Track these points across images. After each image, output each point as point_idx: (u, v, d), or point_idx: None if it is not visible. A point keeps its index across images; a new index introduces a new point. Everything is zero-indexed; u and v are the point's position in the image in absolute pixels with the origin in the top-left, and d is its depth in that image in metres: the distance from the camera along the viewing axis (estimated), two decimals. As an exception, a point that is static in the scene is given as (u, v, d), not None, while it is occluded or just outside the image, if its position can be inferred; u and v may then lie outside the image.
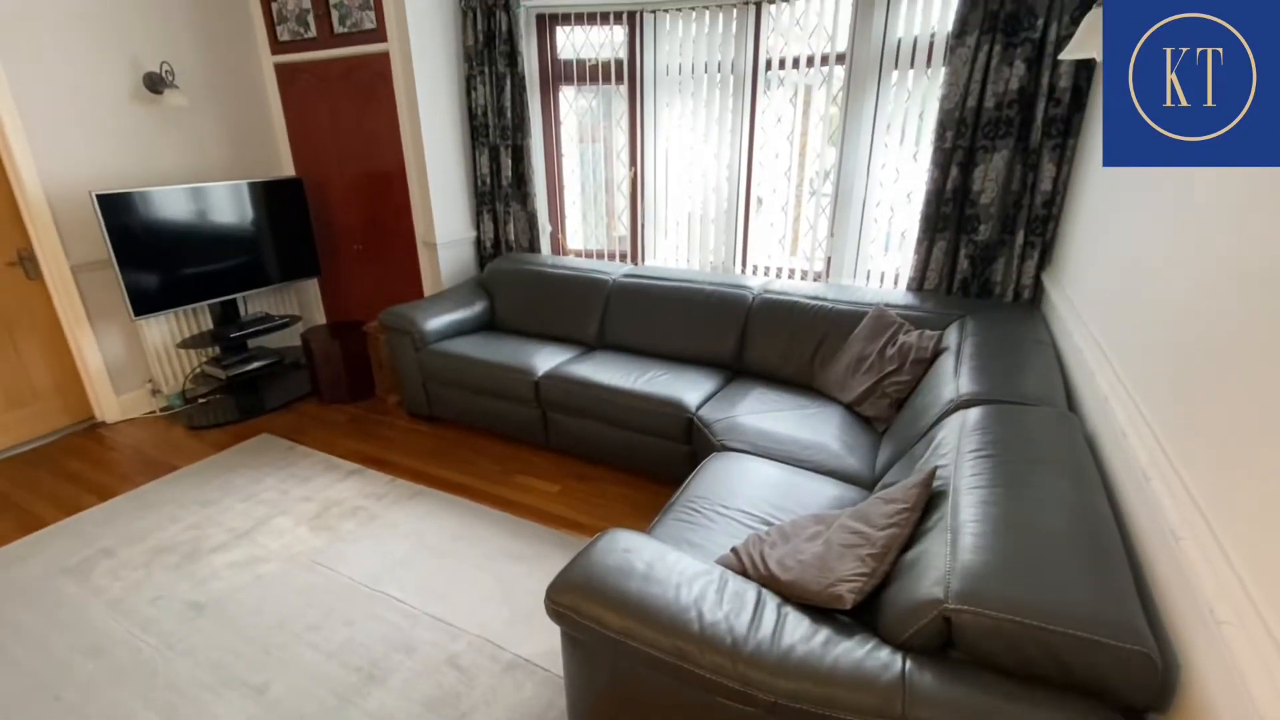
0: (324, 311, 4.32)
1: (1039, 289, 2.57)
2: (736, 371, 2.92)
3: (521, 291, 3.46)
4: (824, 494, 1.92)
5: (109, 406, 3.37)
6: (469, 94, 3.52)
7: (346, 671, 1.80)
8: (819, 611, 1.21)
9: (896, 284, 3.05)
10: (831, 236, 3.13)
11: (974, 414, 1.62)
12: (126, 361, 3.41)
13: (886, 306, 2.61)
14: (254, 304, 3.84)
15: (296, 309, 4.17)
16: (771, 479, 1.98)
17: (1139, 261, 1.51)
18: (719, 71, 3.17)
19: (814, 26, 2.96)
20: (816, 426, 2.33)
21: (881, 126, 2.86)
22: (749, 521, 1.76)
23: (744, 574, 1.38)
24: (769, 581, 1.32)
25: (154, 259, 3.13)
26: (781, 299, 2.87)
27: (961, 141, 2.50)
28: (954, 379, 1.93)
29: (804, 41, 3.00)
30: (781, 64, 3.06)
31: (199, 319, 3.65)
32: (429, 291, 3.74)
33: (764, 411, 2.46)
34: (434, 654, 1.85)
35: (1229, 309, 1.03)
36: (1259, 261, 0.95)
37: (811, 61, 2.99)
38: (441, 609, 2.03)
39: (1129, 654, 0.92)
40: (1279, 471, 0.82)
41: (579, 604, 1.25)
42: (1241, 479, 0.91)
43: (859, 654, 1.08)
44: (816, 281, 3.22)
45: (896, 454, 1.96)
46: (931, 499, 1.37)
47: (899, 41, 2.71)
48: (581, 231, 3.96)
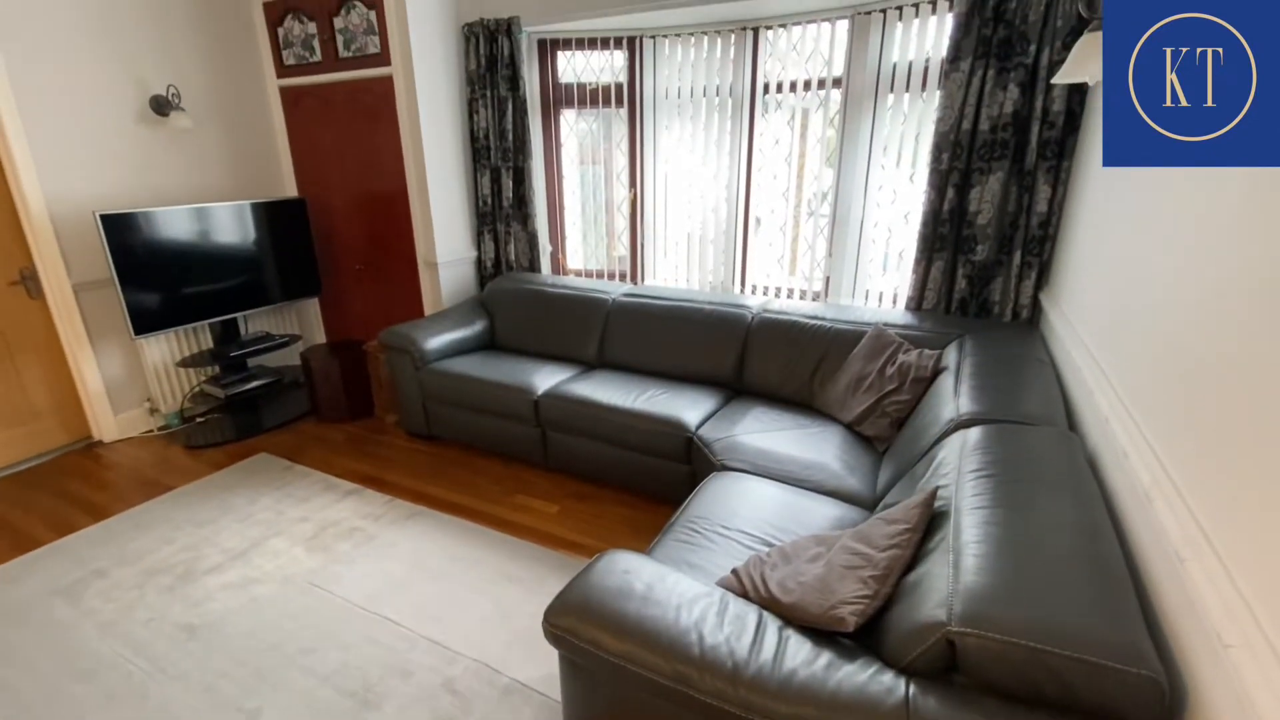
0: (324, 330, 4.33)
1: (1037, 308, 2.58)
2: (736, 391, 2.92)
3: (521, 311, 3.47)
4: (825, 514, 1.90)
5: (107, 425, 3.36)
6: (471, 117, 3.57)
7: (340, 696, 1.77)
8: (821, 634, 1.20)
9: (895, 303, 3.07)
10: (830, 256, 3.15)
11: (974, 434, 1.61)
12: (125, 380, 3.40)
13: (885, 326, 2.61)
14: (254, 323, 3.85)
15: (297, 328, 4.19)
16: (772, 499, 1.97)
17: (1135, 281, 1.52)
18: (717, 95, 3.22)
19: (811, 51, 3.01)
20: (817, 446, 2.32)
21: (878, 148, 2.90)
22: (750, 542, 1.75)
23: (745, 596, 1.36)
24: (770, 604, 1.30)
25: (156, 278, 3.15)
26: (781, 318, 2.88)
27: (957, 163, 2.53)
28: (954, 398, 1.92)
29: (801, 66, 3.05)
30: (779, 88, 3.11)
31: (199, 338, 3.66)
32: (429, 311, 3.75)
33: (764, 431, 2.45)
34: (430, 678, 1.82)
35: (1228, 328, 1.03)
36: (1258, 279, 0.95)
37: (808, 85, 3.04)
38: (438, 632, 2.00)
39: (1136, 678, 0.91)
40: (1282, 492, 0.82)
41: (577, 627, 1.23)
42: (1245, 500, 0.91)
43: (862, 678, 1.06)
44: (815, 301, 3.23)
45: (897, 474, 1.95)
46: (933, 519, 1.36)
47: (894, 66, 2.76)
48: (581, 251, 3.99)
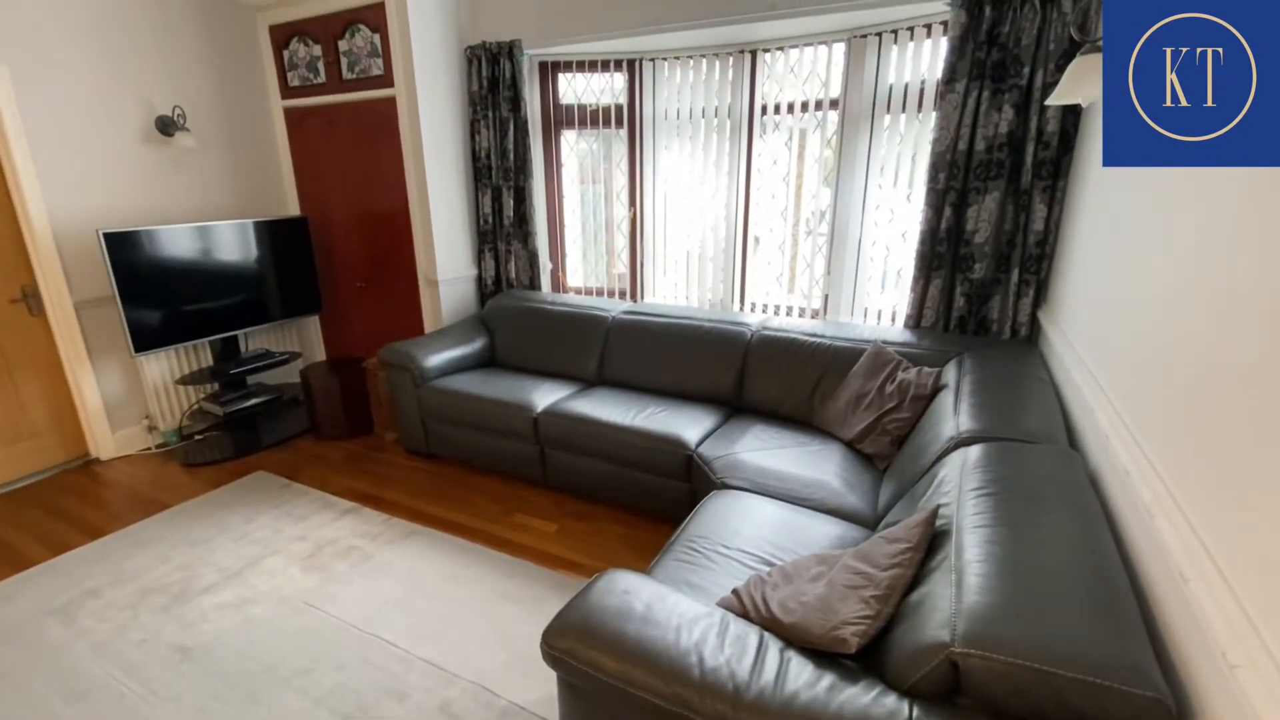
0: (324, 348, 4.33)
1: (1035, 326, 2.59)
2: (736, 408, 2.92)
3: (522, 328, 3.48)
4: (826, 533, 1.89)
5: (104, 443, 3.35)
6: (473, 137, 3.62)
7: (335, 719, 1.75)
8: (823, 656, 1.18)
9: (894, 321, 3.07)
10: (828, 274, 3.17)
11: (975, 451, 1.61)
12: (125, 398, 3.40)
13: (884, 343, 2.62)
14: (254, 340, 3.86)
15: (297, 345, 4.19)
16: (773, 518, 1.96)
17: (1132, 298, 1.53)
18: (716, 116, 3.27)
19: (808, 73, 3.06)
20: (817, 464, 2.31)
21: (875, 168, 2.93)
22: (750, 561, 1.73)
23: (745, 616, 1.35)
24: (771, 624, 1.29)
25: (157, 296, 3.16)
26: (780, 336, 2.89)
27: (954, 183, 2.56)
28: (954, 416, 1.92)
29: (798, 87, 3.09)
30: (777, 109, 3.16)
31: (199, 355, 3.66)
32: (429, 328, 3.76)
33: (764, 449, 2.44)
34: (426, 701, 1.80)
35: (1228, 341, 1.03)
36: (1258, 290, 0.95)
37: (806, 106, 3.08)
38: (435, 653, 1.97)
39: (1142, 700, 0.90)
40: (1284, 510, 0.81)
41: (576, 648, 1.22)
42: (1249, 517, 0.90)
43: (864, 701, 1.05)
44: (814, 319, 3.24)
45: (898, 492, 1.94)
46: (935, 538, 1.35)
47: (890, 87, 2.80)
48: (581, 269, 4.01)
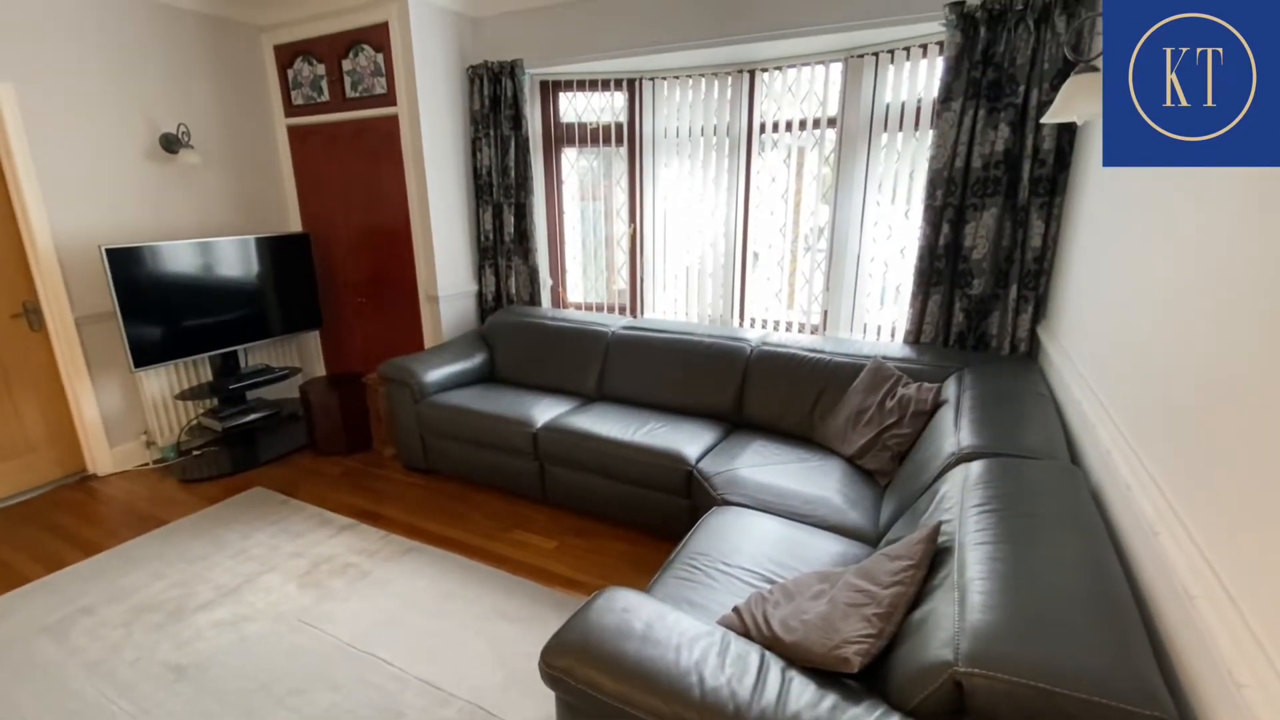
0: (324, 363, 4.33)
1: (1035, 342, 2.60)
2: (736, 424, 2.91)
3: (521, 343, 3.48)
4: (827, 550, 1.87)
5: (102, 459, 3.33)
6: (474, 155, 3.65)
7: (330, 741, 1.72)
8: (825, 675, 1.17)
9: (893, 336, 3.08)
10: (827, 290, 3.18)
11: (976, 467, 1.60)
12: (123, 413, 3.39)
13: (884, 359, 2.62)
14: (255, 355, 3.86)
15: (297, 360, 4.19)
16: (774, 534, 1.94)
17: (1132, 312, 1.53)
18: (715, 134, 3.30)
19: (805, 92, 3.10)
20: (818, 480, 2.30)
21: (873, 185, 2.95)
22: (751, 579, 1.72)
23: (747, 635, 1.33)
24: (772, 643, 1.28)
25: (158, 312, 3.16)
26: (780, 351, 2.89)
27: (951, 200, 2.58)
28: (954, 432, 1.92)
29: (796, 106, 3.13)
30: (775, 127, 3.19)
31: (198, 370, 3.66)
32: (429, 343, 3.76)
33: (764, 464, 2.43)
34: (423, 721, 1.77)
35: (1230, 354, 1.03)
36: (1259, 301, 0.95)
37: (804, 125, 3.12)
38: (432, 672, 1.95)
39: (1149, 720, 0.89)
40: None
41: (574, 667, 1.20)
42: (1253, 534, 0.89)
43: (868, 721, 1.03)
44: (814, 334, 3.25)
45: (900, 509, 1.93)
46: (937, 555, 1.34)
47: (887, 106, 2.84)
48: (582, 285, 4.02)
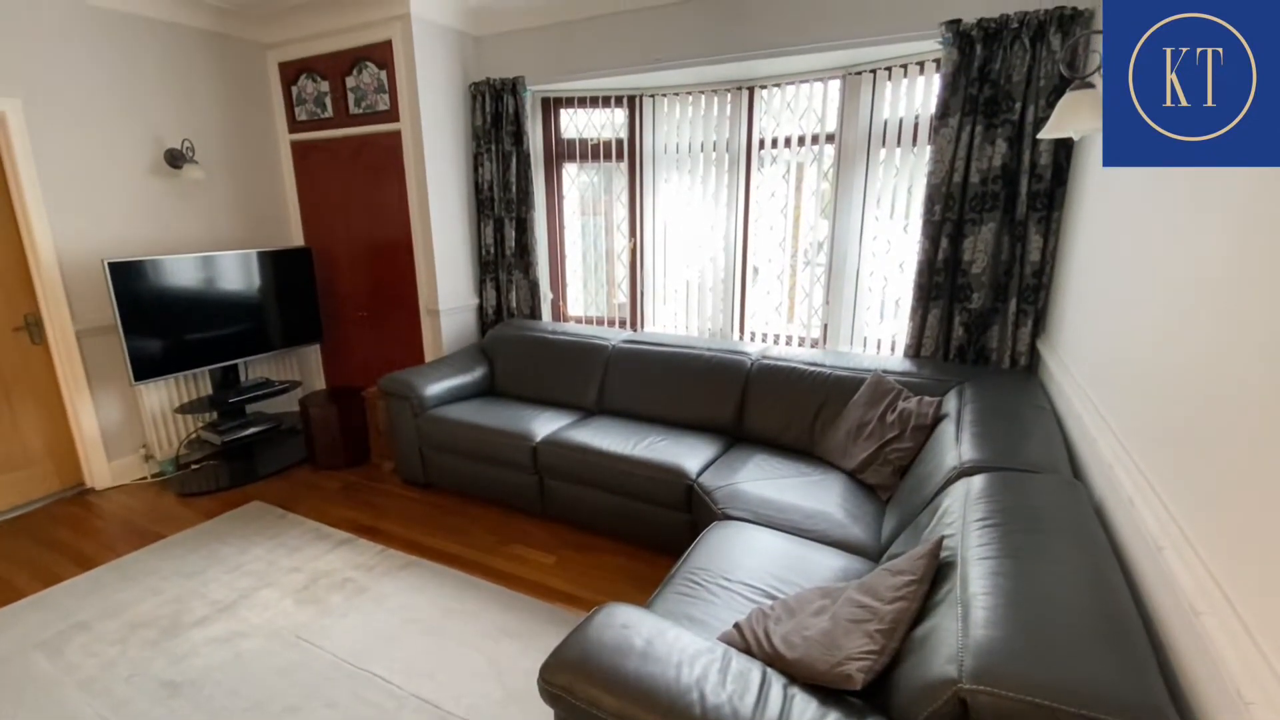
0: (324, 377, 4.33)
1: (1035, 356, 2.60)
2: (736, 438, 2.90)
3: (522, 357, 3.48)
4: (829, 565, 1.86)
5: (100, 472, 3.32)
6: (476, 170, 3.68)
7: (325, 760, 1.69)
8: (827, 692, 1.15)
9: (893, 350, 3.08)
10: (827, 304, 3.19)
11: (978, 482, 1.59)
12: (122, 427, 3.38)
13: (884, 373, 2.62)
14: (255, 369, 3.86)
15: (297, 374, 4.19)
16: (775, 550, 1.93)
17: (1132, 325, 1.53)
18: (714, 150, 3.33)
19: (804, 109, 3.13)
20: (819, 494, 2.29)
21: (872, 200, 2.97)
22: (752, 595, 1.70)
23: (748, 651, 1.32)
24: (774, 660, 1.26)
25: (160, 325, 3.17)
26: (780, 365, 2.89)
27: (950, 214, 2.59)
28: (956, 446, 1.91)
29: (795, 122, 3.16)
30: (774, 143, 3.22)
31: (198, 384, 3.66)
32: (430, 357, 3.76)
33: (765, 479, 2.42)
34: (420, 740, 1.75)
35: (1231, 366, 1.03)
36: (1262, 311, 0.95)
37: (803, 141, 3.15)
38: (429, 689, 1.92)
39: (1157, 740, 0.87)
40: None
41: (574, 684, 1.19)
42: (1258, 548, 0.89)
43: (871, 740, 1.02)
44: (814, 348, 3.25)
45: (901, 523, 1.92)
46: (939, 570, 1.33)
47: (885, 122, 2.86)
48: (582, 299, 4.04)
